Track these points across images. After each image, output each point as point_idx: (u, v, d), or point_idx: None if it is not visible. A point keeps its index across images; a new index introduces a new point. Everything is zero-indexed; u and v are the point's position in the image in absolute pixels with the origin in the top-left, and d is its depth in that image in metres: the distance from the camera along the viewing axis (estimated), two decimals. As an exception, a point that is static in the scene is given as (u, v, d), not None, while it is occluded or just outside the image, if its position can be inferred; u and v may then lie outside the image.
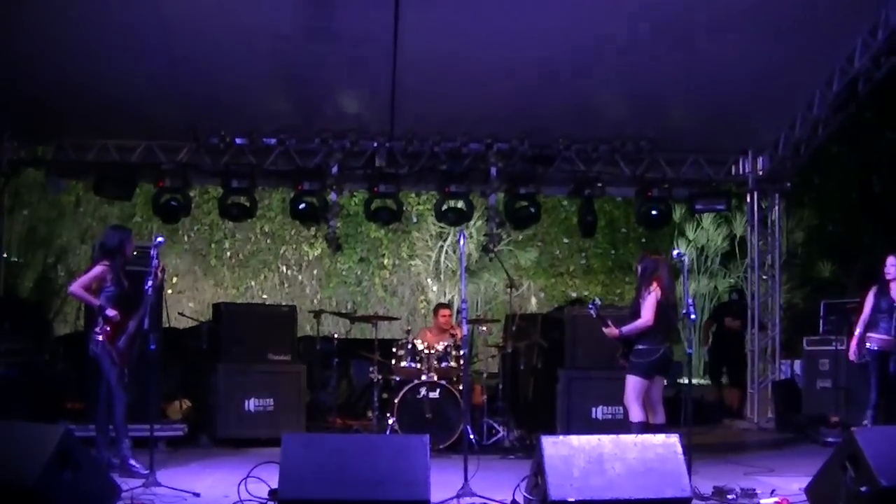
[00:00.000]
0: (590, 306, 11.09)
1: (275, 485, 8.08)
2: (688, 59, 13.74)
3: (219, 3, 12.83)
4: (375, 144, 15.27)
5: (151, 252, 10.18)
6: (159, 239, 10.30)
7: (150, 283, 10.12)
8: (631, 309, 10.90)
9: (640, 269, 11.10)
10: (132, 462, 10.15)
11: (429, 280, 23.87)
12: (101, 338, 10.28)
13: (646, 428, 10.23)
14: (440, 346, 13.42)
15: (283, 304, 16.72)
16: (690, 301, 10.17)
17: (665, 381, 10.90)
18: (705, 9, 13.03)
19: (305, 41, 13.35)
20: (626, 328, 10.77)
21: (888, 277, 12.41)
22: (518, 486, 8.77)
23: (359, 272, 24.20)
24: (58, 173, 15.97)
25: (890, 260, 12.43)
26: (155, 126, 14.95)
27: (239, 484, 8.78)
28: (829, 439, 13.21)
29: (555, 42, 13.44)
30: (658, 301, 10.53)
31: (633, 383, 10.56)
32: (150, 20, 12.70)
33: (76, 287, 10.54)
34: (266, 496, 8.56)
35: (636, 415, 10.47)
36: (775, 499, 9.13)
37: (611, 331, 10.87)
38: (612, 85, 14.53)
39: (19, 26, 12.64)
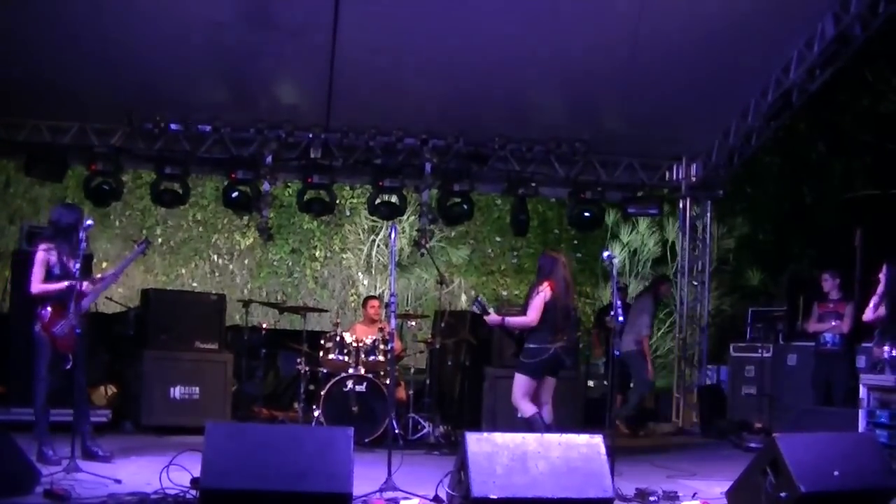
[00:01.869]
0: (474, 306, 11.25)
1: (197, 473, 8.02)
2: (625, 64, 13.83)
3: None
4: (311, 136, 15.22)
5: (80, 235, 10.08)
6: (88, 222, 10.18)
7: (77, 266, 10.02)
8: (523, 305, 10.96)
9: (539, 265, 11.14)
10: (45, 449, 10.04)
11: (360, 273, 23.81)
12: (37, 326, 10.16)
13: (531, 424, 10.33)
14: (368, 340, 13.40)
15: (213, 292, 16.61)
16: (619, 303, 10.19)
17: (554, 382, 10.90)
18: (644, 16, 13.10)
19: (244, 29, 13.31)
20: (509, 319, 10.93)
21: None
22: (441, 481, 8.75)
23: (290, 263, 24.07)
24: (-12, 152, 15.80)
25: None
26: (88, 108, 14.79)
27: (161, 472, 8.71)
28: (752, 444, 13.34)
29: (493, 42, 13.49)
30: (546, 301, 10.56)
31: (519, 381, 10.64)
32: (85, 1, 12.59)
33: (36, 287, 10.28)
34: (188, 485, 8.50)
35: (527, 409, 10.55)
36: (697, 502, 9.18)
37: (492, 318, 10.97)
38: (549, 87, 14.62)
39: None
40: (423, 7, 13.01)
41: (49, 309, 10.16)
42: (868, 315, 12.05)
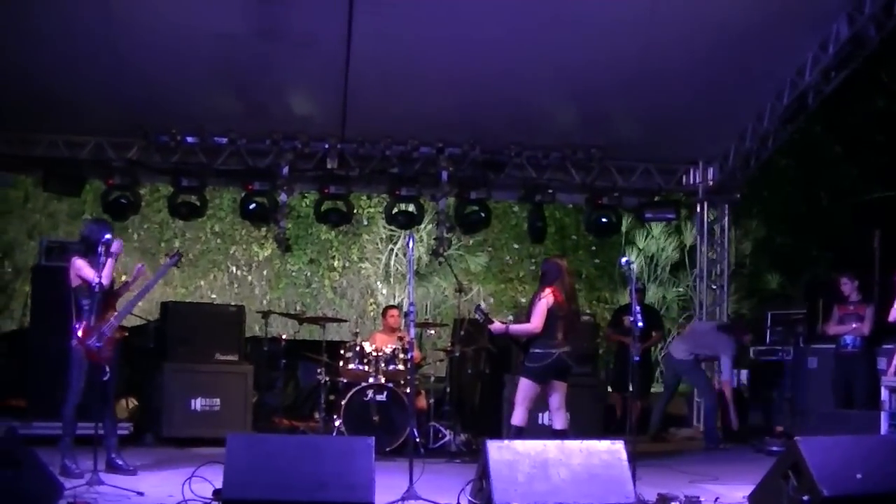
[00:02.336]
0: (476, 314, 11.25)
1: (219, 485, 8.04)
2: (639, 68, 13.80)
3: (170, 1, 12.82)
4: (326, 146, 15.24)
5: (99, 249, 10.12)
6: (107, 236, 10.24)
7: (96, 280, 10.06)
8: (528, 311, 10.96)
9: (543, 270, 11.20)
10: (68, 462, 10.09)
11: (378, 283, 23.84)
12: (74, 340, 10.24)
13: (520, 433, 10.38)
14: (388, 349, 13.41)
15: (232, 304, 16.64)
16: (637, 309, 10.17)
17: (565, 387, 10.86)
18: (657, 20, 13.10)
19: (257, 41, 13.31)
20: (512, 327, 11.01)
21: None
22: (463, 490, 8.77)
23: (308, 274, 24.11)
24: (5, 168, 15.82)
25: None
26: (104, 122, 14.83)
27: (183, 483, 8.74)
28: (774, 448, 13.30)
29: (507, 50, 13.48)
30: (549, 307, 10.56)
31: (522, 385, 10.67)
32: (99, 15, 12.62)
33: (104, 279, 10.24)
34: (210, 496, 8.53)
35: (517, 418, 10.61)
36: (718, 507, 9.19)
37: (496, 326, 11.02)
38: (564, 93, 14.59)
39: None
40: (436, 16, 13.00)
41: (83, 322, 10.23)
42: (893, 316, 12.03)
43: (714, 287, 17.27)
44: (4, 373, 14.52)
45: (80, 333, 10.23)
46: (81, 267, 10.35)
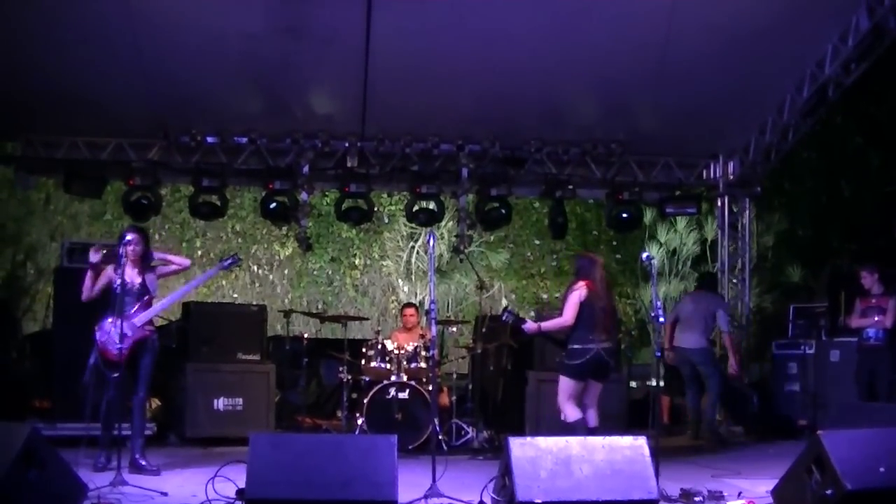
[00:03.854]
0: (504, 317, 11.14)
1: (242, 484, 8.06)
2: (659, 63, 13.77)
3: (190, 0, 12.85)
4: (346, 144, 15.26)
5: (119, 250, 10.18)
6: (128, 237, 10.31)
7: (118, 280, 10.12)
8: (560, 306, 10.88)
9: (577, 266, 11.12)
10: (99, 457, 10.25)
11: (400, 280, 23.84)
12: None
13: (572, 429, 10.25)
14: (410, 347, 13.43)
15: (254, 303, 16.67)
16: (659, 304, 10.10)
17: (600, 387, 10.82)
18: (677, 14, 13.07)
19: (277, 40, 13.33)
20: (545, 324, 10.86)
21: None
22: (486, 486, 8.76)
23: (330, 272, 24.15)
24: (27, 170, 15.85)
25: None
26: (125, 123, 14.89)
27: (206, 483, 8.76)
28: (797, 443, 13.27)
29: (526, 45, 13.47)
30: (581, 301, 10.50)
31: (563, 384, 10.57)
32: (119, 16, 12.64)
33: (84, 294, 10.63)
34: (233, 496, 8.55)
35: (571, 414, 10.48)
36: (742, 501, 9.15)
37: (529, 326, 10.90)
38: (584, 88, 14.57)
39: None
40: (455, 12, 13.00)
41: (104, 321, 10.35)
42: None
43: (736, 281, 17.22)
44: (29, 374, 14.60)
45: (99, 331, 10.36)
46: (87, 279, 10.58)
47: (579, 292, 10.57)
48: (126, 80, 13.69)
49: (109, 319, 10.37)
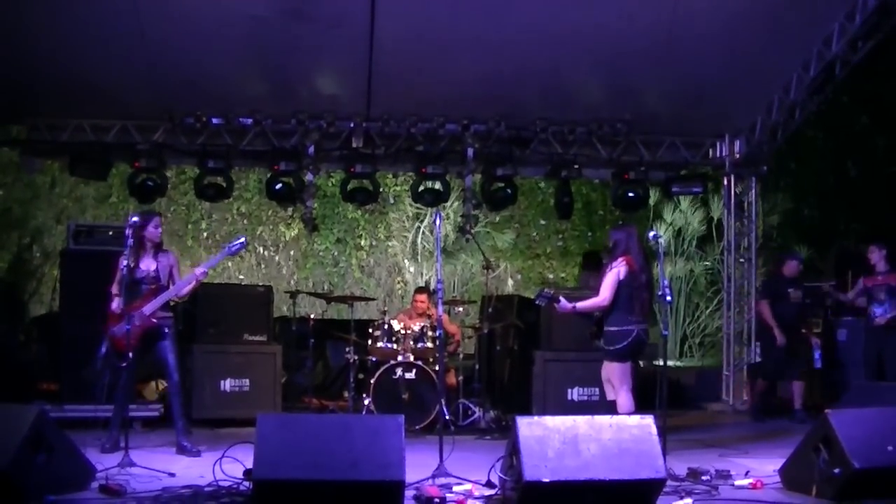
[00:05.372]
0: (538, 300, 10.98)
1: (250, 465, 8.07)
2: (664, 41, 13.73)
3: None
4: (352, 125, 15.23)
5: (126, 232, 10.18)
6: (133, 219, 10.32)
7: (124, 263, 10.13)
8: (597, 285, 10.69)
9: (612, 241, 10.82)
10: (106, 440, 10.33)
11: (405, 261, 23.85)
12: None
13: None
14: (416, 327, 13.42)
15: (260, 284, 16.66)
16: (666, 283, 10.05)
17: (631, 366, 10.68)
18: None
19: (281, 22, 13.31)
20: (580, 304, 10.67)
21: None
22: (493, 466, 8.77)
23: (335, 253, 24.13)
24: (32, 153, 15.84)
25: None
26: (130, 106, 14.86)
27: (214, 464, 8.78)
28: (804, 421, 13.28)
29: (531, 24, 13.43)
30: (620, 280, 10.36)
31: (613, 370, 10.43)
32: (124, -1, 12.67)
33: (112, 287, 10.69)
34: (241, 477, 8.56)
35: (625, 404, 10.31)
36: (749, 480, 9.17)
37: (563, 305, 10.71)
38: (589, 67, 14.52)
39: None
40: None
41: (112, 308, 10.39)
42: None
43: (742, 260, 17.19)
44: (36, 357, 14.61)
45: (108, 319, 10.40)
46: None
47: (618, 270, 10.40)
48: (131, 62, 13.68)
49: (114, 308, 10.41)
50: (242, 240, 11.25)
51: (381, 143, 15.55)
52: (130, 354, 10.27)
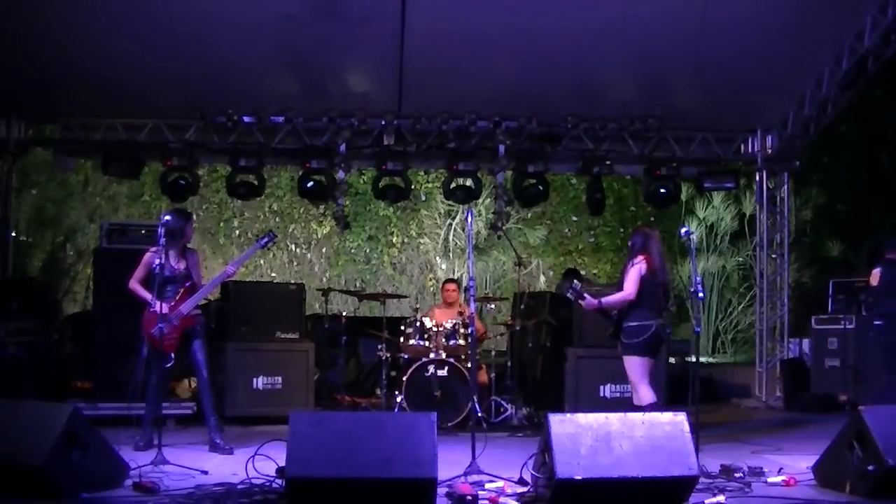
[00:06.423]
0: (569, 293, 10.90)
1: (282, 463, 8.08)
2: (696, 37, 13.70)
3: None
4: (383, 122, 15.25)
5: (159, 231, 10.20)
6: (166, 218, 10.33)
7: (157, 262, 10.16)
8: (618, 283, 10.71)
9: (630, 243, 10.85)
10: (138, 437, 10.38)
11: (437, 258, 23.86)
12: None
13: (654, 408, 9.99)
14: (448, 324, 13.42)
15: (292, 282, 16.69)
16: (698, 279, 10.00)
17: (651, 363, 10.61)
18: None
19: (312, 20, 13.36)
20: (605, 299, 10.60)
21: None
22: (525, 463, 8.75)
23: (367, 250, 24.17)
24: (65, 152, 15.94)
25: None
26: (162, 105, 14.95)
27: (247, 462, 8.80)
28: (838, 418, 13.21)
29: (562, 20, 13.42)
30: (642, 275, 10.34)
31: (633, 364, 10.37)
32: (156, -1, 12.73)
33: (131, 282, 10.71)
34: (274, 474, 8.57)
35: (646, 396, 10.26)
36: (783, 477, 9.11)
37: (589, 302, 10.65)
38: (620, 63, 14.50)
39: (26, 7, 12.65)
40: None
41: (148, 311, 10.43)
42: None
43: (774, 256, 17.14)
44: (70, 355, 14.68)
45: (144, 321, 10.44)
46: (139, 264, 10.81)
47: (639, 267, 10.37)
48: (162, 61, 13.75)
49: (152, 308, 10.42)
50: (271, 234, 11.30)
51: (413, 140, 15.57)
52: (172, 355, 10.35)
